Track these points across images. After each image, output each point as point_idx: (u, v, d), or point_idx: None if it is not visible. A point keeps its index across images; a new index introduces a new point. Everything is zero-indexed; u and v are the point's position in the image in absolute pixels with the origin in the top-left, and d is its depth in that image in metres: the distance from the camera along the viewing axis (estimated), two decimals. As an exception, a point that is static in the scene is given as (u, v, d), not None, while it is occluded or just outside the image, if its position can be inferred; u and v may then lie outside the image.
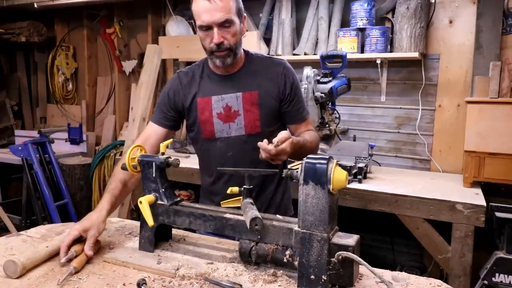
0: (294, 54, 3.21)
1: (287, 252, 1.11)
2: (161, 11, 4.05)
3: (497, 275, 2.02)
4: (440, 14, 2.89)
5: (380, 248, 3.09)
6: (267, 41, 3.42)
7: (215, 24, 1.44)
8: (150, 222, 1.23)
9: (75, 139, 4.16)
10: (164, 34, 3.85)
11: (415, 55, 2.77)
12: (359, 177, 2.48)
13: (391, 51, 2.90)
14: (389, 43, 2.88)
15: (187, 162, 3.05)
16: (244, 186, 1.24)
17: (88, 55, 4.47)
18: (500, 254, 2.03)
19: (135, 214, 3.41)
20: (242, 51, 1.61)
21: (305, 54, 3.16)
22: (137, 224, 1.50)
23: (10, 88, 4.79)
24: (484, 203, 2.13)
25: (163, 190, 1.29)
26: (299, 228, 1.06)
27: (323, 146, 2.59)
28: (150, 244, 1.29)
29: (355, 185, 2.43)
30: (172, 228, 1.42)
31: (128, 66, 4.20)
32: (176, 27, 3.70)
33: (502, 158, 2.31)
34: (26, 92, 4.84)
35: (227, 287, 1.05)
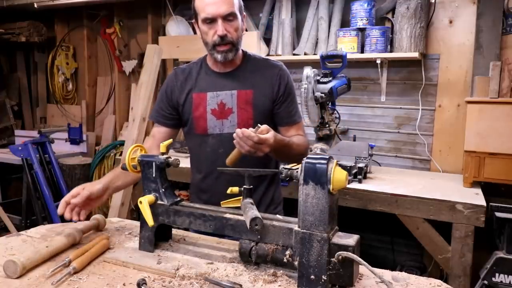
0: (294, 54, 3.21)
1: (287, 252, 1.11)
2: (161, 11, 4.05)
3: (497, 275, 2.02)
4: (440, 14, 2.89)
5: (380, 248, 3.09)
6: (267, 41, 3.42)
7: (220, 16, 1.48)
8: (150, 222, 1.23)
9: (75, 139, 4.16)
10: (164, 34, 3.85)
11: (415, 55, 2.77)
12: (359, 177, 2.48)
13: (391, 51, 2.90)
14: (389, 43, 2.88)
15: (187, 162, 3.03)
16: (244, 186, 1.24)
17: (88, 55, 4.47)
18: (500, 254, 2.03)
19: (135, 214, 3.41)
20: (241, 50, 1.64)
21: (305, 54, 3.16)
22: (137, 224, 1.51)
23: (10, 88, 4.79)
24: (484, 203, 2.13)
25: (163, 190, 1.29)
26: (299, 228, 1.06)
27: (323, 146, 2.59)
28: (150, 244, 1.29)
29: (355, 185, 2.43)
30: (172, 228, 1.42)
31: (128, 66, 4.20)
32: (176, 27, 3.70)
33: (502, 158, 2.31)
34: (26, 92, 4.84)
35: (227, 287, 1.05)
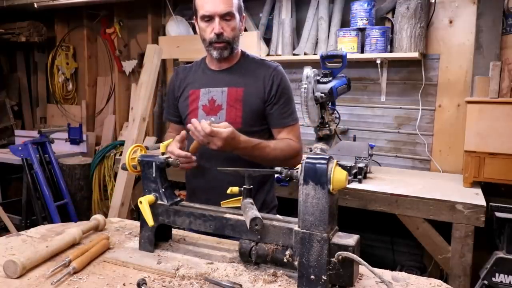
0: (294, 54, 3.21)
1: (287, 252, 1.11)
2: (161, 11, 4.05)
3: (497, 275, 2.02)
4: (440, 14, 2.89)
5: (380, 248, 3.09)
6: (267, 41, 3.42)
7: (217, 15, 1.51)
8: (150, 222, 1.23)
9: (75, 139, 4.16)
10: (164, 34, 3.84)
11: (415, 55, 2.77)
12: (359, 177, 2.48)
13: (391, 51, 2.90)
14: (389, 43, 2.88)
15: (187, 162, 3.04)
16: (244, 186, 1.25)
17: (88, 55, 4.47)
18: (500, 254, 2.03)
19: (135, 214, 3.41)
20: (240, 50, 1.66)
21: (305, 54, 3.16)
22: (137, 224, 1.51)
23: (10, 88, 4.79)
24: (484, 203, 2.13)
25: (163, 190, 1.29)
26: (299, 228, 1.06)
27: (323, 146, 2.59)
28: (150, 244, 1.29)
29: (355, 185, 2.43)
30: (172, 228, 1.42)
31: (128, 66, 4.20)
32: (176, 27, 3.70)
33: (502, 158, 2.31)
34: (26, 92, 4.84)
35: (227, 287, 1.05)
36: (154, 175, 1.29)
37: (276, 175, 1.74)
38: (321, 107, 2.53)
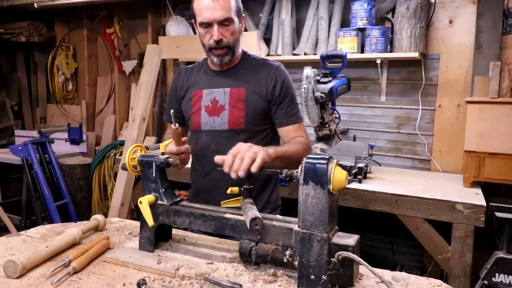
0: (294, 54, 3.21)
1: (287, 252, 1.11)
2: (161, 11, 4.05)
3: (497, 275, 2.02)
4: (440, 14, 2.89)
5: (380, 248, 3.09)
6: (267, 41, 3.42)
7: (216, 22, 1.50)
8: (150, 222, 1.23)
9: (75, 139, 4.16)
10: (164, 34, 3.84)
11: (415, 55, 2.77)
12: (359, 177, 2.48)
13: (391, 51, 2.90)
14: (389, 43, 2.88)
15: (187, 162, 3.04)
16: (244, 186, 1.25)
17: (88, 55, 4.47)
18: (500, 254, 2.03)
19: (135, 214, 3.41)
20: (241, 50, 1.66)
21: (305, 54, 3.16)
22: (137, 224, 1.51)
23: (10, 88, 4.79)
24: (484, 203, 2.13)
25: (163, 190, 1.29)
26: (299, 228, 1.06)
27: (323, 146, 2.59)
28: (150, 244, 1.29)
29: (355, 185, 2.43)
30: (172, 228, 1.42)
31: (128, 66, 4.20)
32: (176, 27, 3.70)
33: (502, 158, 2.31)
34: (26, 92, 4.84)
35: (227, 287, 1.05)
36: (154, 175, 1.29)
37: (276, 175, 1.75)
38: (321, 107, 2.54)
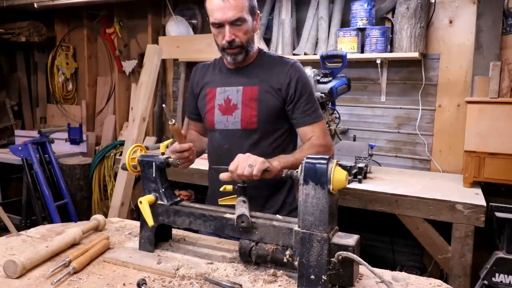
0: (294, 54, 3.21)
1: (287, 252, 1.11)
2: (161, 11, 4.05)
3: (497, 275, 2.02)
4: (440, 14, 2.89)
5: (380, 248, 3.09)
6: (267, 41, 3.42)
7: (227, 22, 1.48)
8: (150, 222, 1.23)
9: (75, 139, 4.16)
10: (164, 34, 3.85)
11: (415, 55, 2.77)
12: (359, 177, 2.48)
13: (391, 51, 2.90)
14: (389, 43, 2.88)
15: (187, 162, 3.04)
16: (238, 184, 1.25)
17: (88, 55, 4.47)
18: (500, 254, 2.03)
19: (135, 214, 3.41)
20: (256, 48, 1.63)
21: (305, 54, 3.16)
22: (137, 224, 1.51)
23: (10, 88, 4.79)
24: (484, 203, 2.12)
25: (163, 190, 1.29)
26: (299, 228, 1.06)
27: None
28: (150, 244, 1.29)
29: (355, 185, 2.43)
30: (172, 228, 1.42)
31: (128, 66, 4.20)
32: (176, 27, 3.70)
33: (502, 158, 2.31)
34: (26, 92, 4.84)
35: (227, 287, 1.05)
36: (154, 175, 1.29)
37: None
38: (321, 107, 2.54)
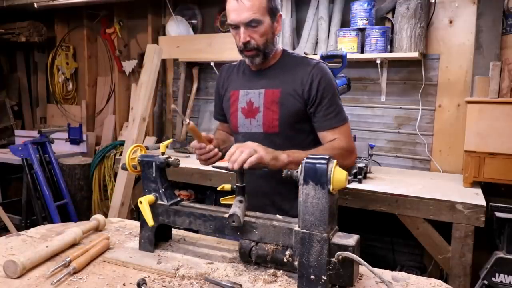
0: (294, 54, 3.21)
1: (287, 252, 1.11)
2: (161, 11, 4.05)
3: (497, 275, 2.02)
4: (440, 14, 2.89)
5: (380, 248, 3.09)
6: (267, 41, 3.42)
7: (242, 24, 1.47)
8: (150, 222, 1.23)
9: (75, 139, 4.16)
10: (164, 34, 3.85)
11: (415, 55, 2.77)
12: (359, 177, 2.48)
13: (391, 51, 2.90)
14: (389, 43, 2.88)
15: (187, 162, 3.05)
16: (236, 184, 1.25)
17: (88, 55, 4.47)
18: (500, 254, 2.03)
19: (135, 214, 3.41)
20: (280, 49, 1.61)
21: (305, 54, 3.16)
22: (137, 224, 1.51)
23: (10, 88, 4.79)
24: (484, 203, 2.12)
25: (163, 190, 1.29)
26: (299, 228, 1.06)
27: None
28: (150, 244, 1.29)
29: (355, 185, 2.43)
30: (172, 228, 1.42)
31: (128, 66, 4.20)
32: (176, 27, 3.70)
33: (502, 158, 2.31)
34: (26, 92, 4.84)
35: (227, 287, 1.05)
36: (154, 175, 1.29)
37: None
38: (321, 107, 2.54)
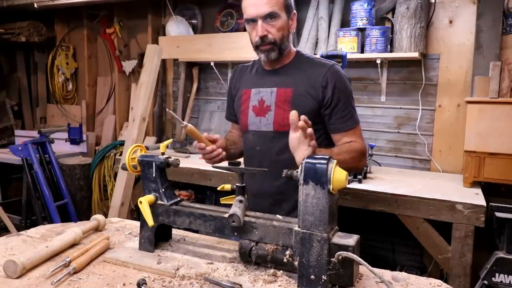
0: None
1: (287, 252, 1.11)
2: (161, 11, 4.05)
3: (497, 275, 2.02)
4: (440, 14, 2.89)
5: (380, 248, 3.09)
6: (267, 41, 3.42)
7: (259, 17, 1.47)
8: (150, 222, 1.23)
9: (75, 139, 4.16)
10: (164, 34, 3.85)
11: (415, 55, 2.77)
12: (359, 177, 2.48)
13: (391, 51, 2.90)
14: (389, 43, 2.88)
15: (187, 162, 3.05)
16: (237, 184, 1.25)
17: (88, 55, 4.47)
18: (500, 254, 2.03)
19: (135, 214, 3.41)
20: (293, 49, 1.61)
21: (305, 54, 3.16)
22: (137, 224, 1.51)
23: (10, 88, 4.79)
24: (484, 203, 2.13)
25: (163, 190, 1.29)
26: (299, 228, 1.06)
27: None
28: (150, 244, 1.29)
29: (355, 185, 2.43)
30: (172, 228, 1.42)
31: (128, 66, 4.20)
32: (176, 27, 3.70)
33: (502, 158, 2.31)
34: (26, 92, 4.84)
35: (227, 287, 1.05)
36: (154, 175, 1.29)
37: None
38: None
